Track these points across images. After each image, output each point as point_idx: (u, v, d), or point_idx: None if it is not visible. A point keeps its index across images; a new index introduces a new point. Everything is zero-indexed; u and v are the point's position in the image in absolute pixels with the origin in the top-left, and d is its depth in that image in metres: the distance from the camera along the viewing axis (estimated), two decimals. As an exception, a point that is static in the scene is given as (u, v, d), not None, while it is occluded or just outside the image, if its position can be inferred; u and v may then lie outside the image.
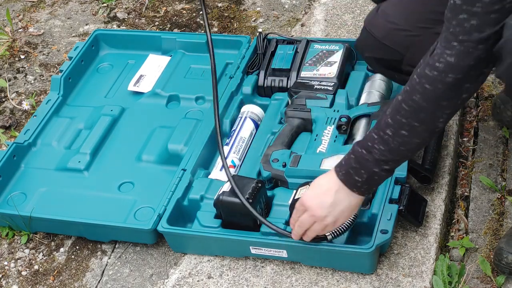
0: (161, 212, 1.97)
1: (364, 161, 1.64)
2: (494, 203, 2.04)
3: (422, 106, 1.57)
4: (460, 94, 1.56)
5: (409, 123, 1.59)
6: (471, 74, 1.53)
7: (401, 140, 1.61)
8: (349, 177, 1.67)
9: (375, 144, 1.62)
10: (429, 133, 1.62)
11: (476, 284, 1.86)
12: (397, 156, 1.64)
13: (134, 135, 2.28)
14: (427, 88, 1.55)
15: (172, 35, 2.55)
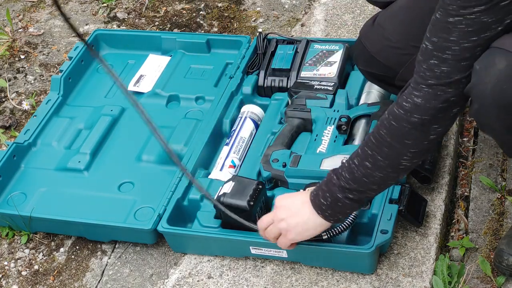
0: (161, 212, 1.97)
1: (331, 185, 1.66)
2: (494, 203, 2.04)
3: (387, 141, 1.58)
4: (427, 135, 1.57)
5: (374, 156, 1.60)
6: (439, 116, 1.54)
7: (364, 171, 1.62)
8: (317, 198, 1.68)
9: (343, 171, 1.64)
10: (392, 169, 1.61)
11: (476, 284, 1.86)
12: (361, 187, 1.64)
13: (134, 135, 2.27)
14: (393, 125, 1.57)
15: (172, 35, 2.55)
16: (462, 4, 1.42)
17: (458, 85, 1.50)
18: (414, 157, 1.60)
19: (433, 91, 1.51)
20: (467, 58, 1.47)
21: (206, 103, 2.34)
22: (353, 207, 1.68)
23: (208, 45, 2.50)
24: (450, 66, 1.48)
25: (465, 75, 1.49)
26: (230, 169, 2.08)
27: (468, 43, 1.45)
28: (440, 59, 1.48)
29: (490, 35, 1.45)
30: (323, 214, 1.69)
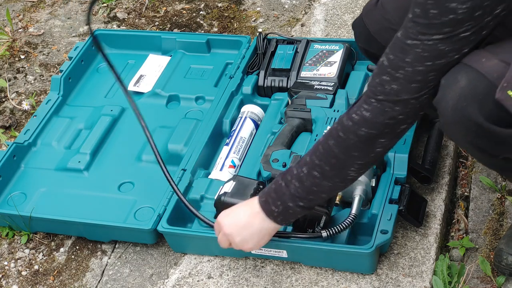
0: (161, 212, 1.97)
1: (281, 194, 1.66)
2: (494, 203, 2.04)
3: (334, 152, 1.59)
4: (373, 148, 1.58)
5: (321, 165, 1.61)
6: (386, 131, 1.55)
7: (313, 180, 1.63)
8: (267, 205, 1.69)
9: (293, 179, 1.65)
10: (340, 179, 1.63)
11: (476, 284, 1.86)
12: (310, 195, 1.65)
13: (134, 135, 2.27)
14: (340, 136, 1.58)
15: (172, 35, 2.55)
16: (421, 31, 1.43)
17: (406, 105, 1.51)
18: (361, 168, 1.62)
19: (381, 106, 1.52)
20: (418, 80, 1.48)
21: (206, 103, 2.34)
22: (303, 212, 1.71)
23: (208, 45, 2.50)
24: (400, 85, 1.49)
25: (413, 96, 1.50)
26: (230, 169, 2.08)
27: (422, 67, 1.47)
28: (392, 77, 1.49)
29: (446, 62, 1.46)
30: (275, 220, 1.70)
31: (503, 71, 1.47)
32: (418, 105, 1.52)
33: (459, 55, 1.46)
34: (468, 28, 1.42)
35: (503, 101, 1.46)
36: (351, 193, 1.89)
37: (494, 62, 1.50)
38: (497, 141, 1.53)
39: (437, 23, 1.41)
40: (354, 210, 1.85)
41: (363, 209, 1.90)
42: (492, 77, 1.48)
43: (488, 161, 1.71)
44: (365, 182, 1.89)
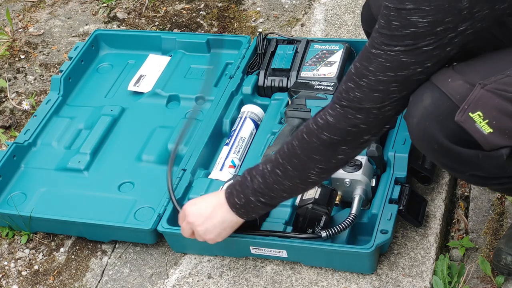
0: (161, 212, 1.97)
1: (245, 187, 1.69)
2: (494, 203, 2.04)
3: (297, 153, 1.61)
4: (335, 154, 1.60)
5: (284, 165, 1.63)
6: (348, 139, 1.57)
7: (275, 178, 1.65)
8: (231, 197, 1.72)
9: (257, 175, 1.67)
10: (301, 181, 1.64)
11: (476, 284, 1.86)
12: (272, 192, 1.67)
13: (134, 135, 2.27)
14: (304, 138, 1.60)
15: (172, 35, 2.55)
16: (385, 41, 1.45)
17: (368, 114, 1.53)
18: (322, 172, 1.64)
19: (344, 113, 1.54)
20: (380, 90, 1.49)
21: (206, 103, 2.33)
22: (265, 209, 1.72)
23: (208, 45, 2.50)
24: (363, 93, 1.51)
25: (375, 106, 1.51)
26: (230, 169, 2.08)
27: (384, 77, 1.48)
28: (357, 84, 1.51)
29: (408, 74, 1.47)
30: (237, 212, 1.73)
31: (467, 92, 1.49)
32: (381, 116, 1.53)
33: (422, 69, 1.47)
34: (430, 42, 1.43)
35: (463, 123, 1.49)
36: (351, 193, 1.90)
37: (459, 83, 1.51)
38: (459, 160, 1.55)
39: (398, 35, 1.43)
40: (354, 210, 1.85)
41: (363, 209, 1.90)
42: (455, 98, 1.50)
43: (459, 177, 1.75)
44: (365, 182, 1.89)
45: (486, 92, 1.48)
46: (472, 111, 1.49)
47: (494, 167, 1.55)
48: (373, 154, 1.93)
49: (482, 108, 1.48)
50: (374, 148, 1.93)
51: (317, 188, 1.86)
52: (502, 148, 1.51)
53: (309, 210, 1.83)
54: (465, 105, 1.49)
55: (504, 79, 1.49)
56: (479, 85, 1.49)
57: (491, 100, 1.48)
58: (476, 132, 1.49)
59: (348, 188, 1.90)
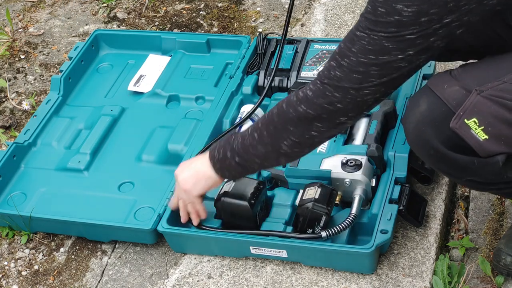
0: (161, 212, 1.97)
1: (226, 143, 1.73)
2: (494, 203, 2.04)
3: (274, 120, 1.64)
4: (309, 129, 1.60)
5: (261, 129, 1.66)
6: (324, 116, 1.57)
7: (251, 140, 1.68)
8: (213, 149, 1.77)
9: (239, 135, 1.72)
10: (272, 148, 1.66)
11: (476, 284, 1.86)
12: (245, 154, 1.70)
13: (134, 135, 2.27)
14: (283, 107, 1.62)
15: (172, 35, 2.55)
16: (369, 26, 1.46)
17: (345, 94, 1.53)
18: (294, 146, 1.64)
19: (323, 89, 1.55)
20: (360, 72, 1.50)
21: (206, 103, 2.34)
22: (238, 170, 1.74)
23: (208, 45, 2.50)
24: (343, 73, 1.51)
25: (353, 86, 1.52)
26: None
27: (365, 59, 1.48)
28: (338, 64, 1.52)
29: (389, 59, 1.47)
30: (214, 165, 1.76)
31: (463, 99, 1.50)
32: (359, 99, 1.53)
33: (403, 56, 1.47)
34: (413, 31, 1.43)
35: (457, 129, 1.50)
36: (351, 193, 1.90)
37: (455, 89, 1.52)
38: (455, 166, 1.56)
39: (383, 21, 1.44)
40: (354, 210, 1.85)
41: (363, 209, 1.90)
42: (451, 104, 1.52)
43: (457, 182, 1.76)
44: (365, 182, 1.89)
45: (482, 98, 1.48)
46: (468, 118, 1.49)
47: (491, 173, 1.55)
48: (373, 154, 1.93)
49: (478, 114, 1.48)
50: (374, 148, 1.93)
51: (317, 188, 1.86)
52: (498, 155, 1.51)
53: (309, 210, 1.83)
54: (461, 112, 1.49)
55: (501, 85, 1.49)
56: (476, 91, 1.49)
57: (487, 107, 1.48)
58: (471, 138, 1.49)
59: (348, 188, 1.90)
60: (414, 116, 1.56)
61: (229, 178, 1.82)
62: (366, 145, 1.95)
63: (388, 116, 2.04)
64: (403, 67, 1.48)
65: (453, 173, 1.61)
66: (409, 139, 1.61)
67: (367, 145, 1.95)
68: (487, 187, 1.65)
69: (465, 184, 1.72)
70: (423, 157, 1.63)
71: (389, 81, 1.50)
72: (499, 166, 1.52)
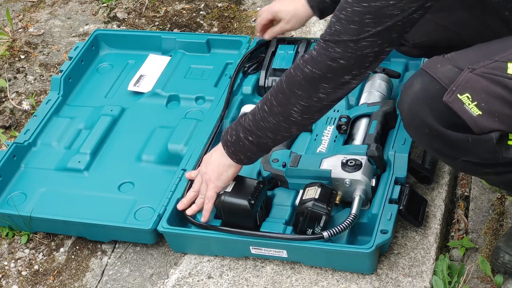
0: (161, 212, 1.97)
1: (238, 125, 1.76)
2: (494, 203, 2.04)
3: (283, 87, 1.67)
4: (316, 91, 1.63)
5: (271, 100, 1.69)
6: (329, 76, 1.60)
7: (262, 114, 1.71)
8: (226, 135, 1.80)
9: (249, 114, 1.75)
10: (284, 118, 1.69)
11: (476, 284, 1.86)
12: (258, 130, 1.73)
13: (134, 135, 2.27)
14: (290, 72, 1.66)
15: (172, 35, 2.55)
16: None
17: (346, 48, 1.56)
18: (304, 112, 1.67)
19: (326, 46, 1.58)
20: (356, 22, 1.53)
21: (206, 103, 2.34)
22: (252, 150, 1.77)
23: (208, 45, 2.50)
24: (341, 26, 1.55)
25: (352, 38, 1.54)
26: (230, 169, 2.08)
27: (359, 8, 1.52)
28: (337, 18, 1.56)
29: (381, 5, 1.49)
30: (228, 150, 1.80)
31: (455, 76, 1.53)
32: (359, 53, 1.56)
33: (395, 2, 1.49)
34: None
35: (451, 103, 1.52)
36: (351, 193, 1.90)
37: (448, 68, 1.55)
38: (450, 144, 1.57)
39: None
40: (354, 210, 1.85)
41: (363, 209, 1.90)
42: (444, 82, 1.54)
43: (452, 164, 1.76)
44: (365, 182, 1.89)
45: (474, 75, 1.51)
46: (461, 93, 1.51)
47: (485, 151, 1.56)
48: (373, 154, 1.93)
49: (471, 90, 1.51)
50: (374, 148, 1.93)
51: (317, 188, 1.86)
52: (492, 132, 1.52)
53: (309, 209, 1.83)
54: (454, 87, 1.52)
55: (493, 64, 1.52)
56: (468, 69, 1.52)
57: (479, 83, 1.50)
58: (465, 113, 1.51)
59: (348, 188, 1.90)
60: (408, 96, 1.59)
61: (246, 162, 1.84)
62: (366, 145, 1.95)
63: (388, 116, 2.04)
64: (396, 14, 1.50)
65: (448, 153, 1.62)
66: (404, 120, 1.63)
67: (367, 145, 1.95)
68: (484, 170, 1.65)
69: (461, 166, 1.71)
70: (418, 138, 1.64)
71: (385, 32, 1.53)
72: (493, 143, 1.54)
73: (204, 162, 1.91)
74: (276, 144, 1.78)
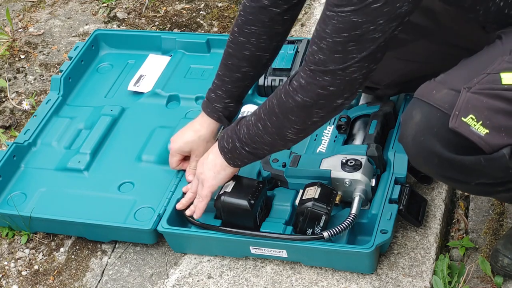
0: (161, 212, 1.97)
1: (233, 133, 1.76)
2: (494, 203, 2.04)
3: (275, 111, 1.66)
4: (309, 117, 1.63)
5: (265, 120, 1.69)
6: (321, 102, 1.59)
7: (256, 131, 1.71)
8: (222, 140, 1.80)
9: (244, 125, 1.74)
10: (279, 137, 1.69)
11: (476, 284, 1.86)
12: (254, 143, 1.73)
13: (134, 135, 2.27)
14: (282, 98, 1.64)
15: (172, 35, 2.55)
16: (335, 2, 1.47)
17: (334, 76, 1.54)
18: (299, 132, 1.67)
19: (313, 75, 1.56)
20: (339, 51, 1.51)
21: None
22: (249, 158, 1.78)
23: (208, 45, 2.50)
24: (325, 55, 1.53)
25: (339, 67, 1.53)
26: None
27: (339, 38, 1.49)
28: (318, 47, 1.53)
29: (361, 33, 1.48)
30: (225, 156, 1.80)
31: (454, 99, 1.50)
32: (348, 78, 1.54)
33: (374, 26, 1.47)
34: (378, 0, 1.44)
35: (457, 128, 1.50)
36: (351, 193, 1.90)
37: (444, 92, 1.52)
38: (462, 169, 1.55)
39: None
40: (354, 210, 1.85)
41: (363, 209, 1.90)
42: (444, 107, 1.51)
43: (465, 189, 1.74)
44: (365, 182, 1.89)
45: (472, 94, 1.49)
46: (464, 116, 1.49)
47: (498, 169, 1.54)
48: (373, 154, 1.93)
49: (473, 110, 1.48)
50: (374, 148, 1.93)
51: (317, 188, 1.86)
52: (503, 148, 1.51)
53: (309, 209, 1.83)
54: (456, 111, 1.49)
55: (486, 77, 1.50)
56: (464, 89, 1.50)
57: (479, 101, 1.48)
58: (473, 135, 1.49)
59: (348, 188, 1.90)
60: (410, 129, 1.56)
61: (242, 166, 1.85)
62: (366, 145, 1.95)
63: (388, 116, 2.04)
64: (378, 37, 1.49)
65: (461, 179, 1.59)
66: (410, 154, 1.60)
67: (367, 145, 1.95)
68: (496, 189, 1.64)
69: (474, 189, 1.70)
70: (428, 169, 1.61)
71: (370, 55, 1.51)
72: (506, 160, 1.51)
73: (199, 164, 1.90)
74: (274, 152, 1.80)
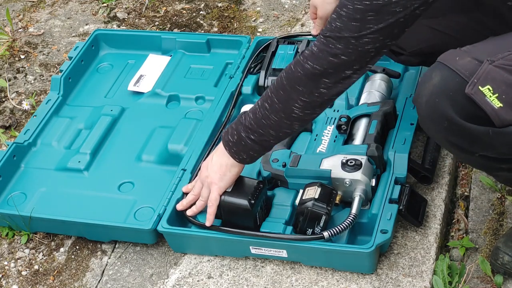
0: (161, 212, 1.97)
1: (238, 124, 1.76)
2: (494, 203, 2.04)
3: (283, 84, 1.67)
4: (317, 86, 1.63)
5: (272, 97, 1.69)
6: (330, 71, 1.60)
7: (263, 112, 1.71)
8: (226, 135, 1.79)
9: (250, 112, 1.74)
10: (285, 115, 1.69)
11: (476, 284, 1.86)
12: (260, 128, 1.73)
13: (134, 135, 2.27)
14: (290, 69, 1.66)
15: (172, 35, 2.55)
16: None
17: (347, 44, 1.56)
18: (305, 107, 1.67)
19: (326, 42, 1.58)
20: (357, 19, 1.53)
21: (206, 103, 2.34)
22: (255, 149, 1.77)
23: (208, 45, 2.50)
24: (342, 23, 1.55)
25: (353, 35, 1.54)
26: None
27: (360, 5, 1.51)
28: (338, 15, 1.55)
29: (384, 3, 1.49)
30: (230, 151, 1.79)
31: (475, 68, 1.52)
32: (360, 49, 1.55)
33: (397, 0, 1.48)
34: None
35: (473, 95, 1.51)
36: (351, 193, 1.90)
37: (467, 60, 1.54)
38: (469, 138, 1.56)
39: None
40: (354, 210, 1.85)
41: (363, 209, 1.90)
42: (464, 74, 1.52)
43: (467, 159, 1.74)
44: (365, 182, 1.89)
45: (494, 67, 1.50)
46: (482, 85, 1.50)
47: (505, 145, 1.54)
48: (373, 154, 1.93)
49: (491, 82, 1.49)
50: (374, 148, 1.93)
51: (317, 188, 1.86)
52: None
53: (309, 209, 1.83)
54: (475, 79, 1.50)
55: (510, 55, 1.51)
56: (487, 61, 1.51)
57: (500, 75, 1.49)
58: (486, 105, 1.50)
59: (348, 188, 1.90)
60: (427, 89, 1.56)
61: (248, 161, 1.83)
62: (366, 145, 1.95)
63: (388, 116, 2.04)
64: (398, 12, 1.50)
65: (466, 147, 1.60)
66: (422, 114, 1.60)
67: (367, 145, 1.95)
68: (499, 166, 1.64)
69: (476, 161, 1.69)
70: (436, 132, 1.61)
71: (386, 28, 1.52)
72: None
73: (203, 167, 1.89)
74: (278, 141, 1.78)
